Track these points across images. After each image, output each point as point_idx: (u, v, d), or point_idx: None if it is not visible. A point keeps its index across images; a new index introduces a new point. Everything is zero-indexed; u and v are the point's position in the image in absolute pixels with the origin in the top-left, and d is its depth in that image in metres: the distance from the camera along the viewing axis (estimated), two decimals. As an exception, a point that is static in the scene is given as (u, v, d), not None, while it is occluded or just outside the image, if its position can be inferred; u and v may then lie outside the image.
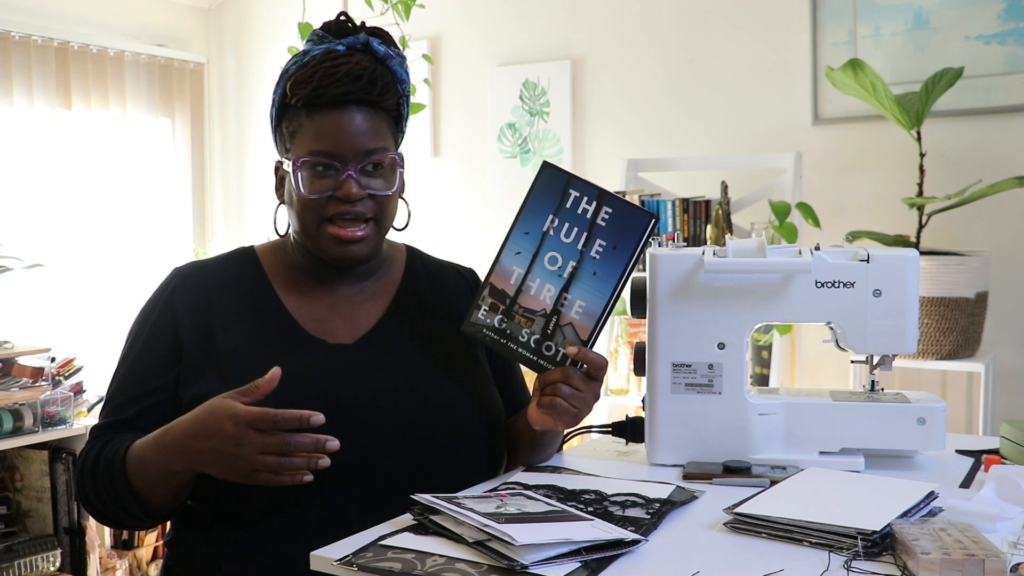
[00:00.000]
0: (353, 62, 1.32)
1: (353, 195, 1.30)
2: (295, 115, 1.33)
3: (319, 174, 1.31)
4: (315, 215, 1.32)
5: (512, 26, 3.87)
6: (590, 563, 1.00)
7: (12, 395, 3.01)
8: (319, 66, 1.31)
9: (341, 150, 1.30)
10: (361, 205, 1.32)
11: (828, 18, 3.24)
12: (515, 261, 1.32)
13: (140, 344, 1.35)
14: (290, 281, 1.40)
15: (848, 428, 1.42)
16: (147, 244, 4.20)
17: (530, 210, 1.32)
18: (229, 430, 1.13)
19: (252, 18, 4.49)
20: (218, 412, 1.15)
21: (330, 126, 1.30)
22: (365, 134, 1.32)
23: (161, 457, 1.21)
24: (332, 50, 1.33)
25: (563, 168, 1.34)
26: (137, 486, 1.25)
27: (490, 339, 1.34)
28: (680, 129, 3.55)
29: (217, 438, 1.14)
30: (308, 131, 1.31)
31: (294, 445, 1.12)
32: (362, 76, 1.31)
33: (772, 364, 3.14)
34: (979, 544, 0.97)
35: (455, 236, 3.99)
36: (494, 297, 1.33)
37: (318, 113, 1.31)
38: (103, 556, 3.23)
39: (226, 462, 1.14)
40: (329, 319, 1.38)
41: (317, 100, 1.31)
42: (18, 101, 3.72)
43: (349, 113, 1.31)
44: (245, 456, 1.13)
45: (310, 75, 1.31)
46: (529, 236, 1.32)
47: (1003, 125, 3.03)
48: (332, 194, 1.31)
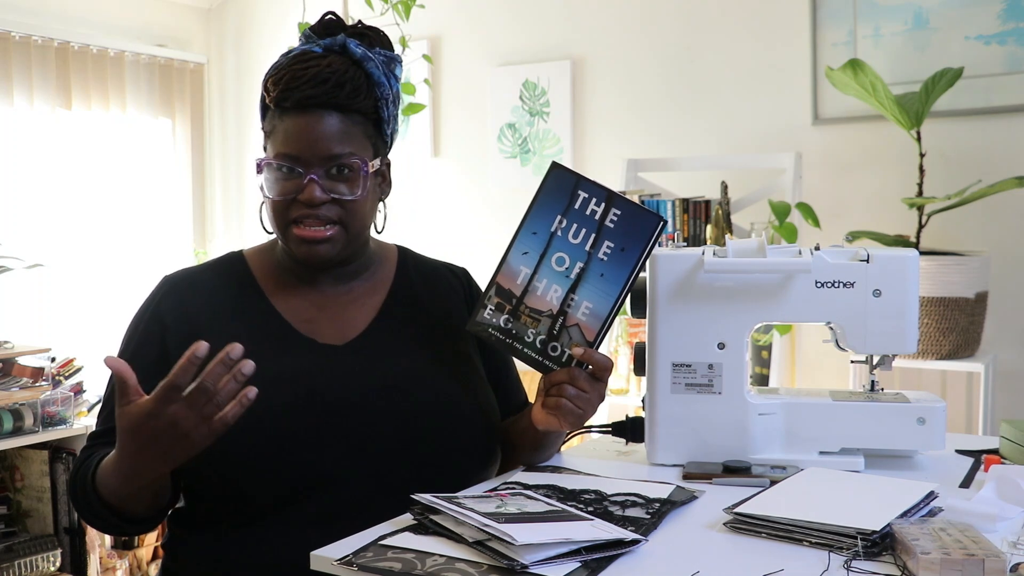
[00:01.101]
0: (324, 64, 1.31)
1: (315, 199, 1.30)
2: (272, 116, 1.34)
3: (283, 176, 1.31)
4: (281, 217, 1.33)
5: (512, 26, 3.87)
6: (590, 563, 1.00)
7: (12, 395, 3.01)
8: (289, 68, 1.31)
9: (304, 154, 1.30)
10: (325, 209, 1.31)
11: (828, 18, 3.24)
12: (522, 261, 1.32)
13: (130, 353, 1.35)
14: (278, 283, 1.40)
15: (848, 428, 1.42)
16: (147, 244, 4.21)
17: (538, 210, 1.32)
18: (156, 425, 1.11)
19: (252, 18, 4.49)
20: (134, 423, 1.12)
21: (295, 129, 1.30)
22: (331, 138, 1.31)
23: (124, 480, 1.20)
24: (307, 51, 1.33)
25: (571, 169, 1.34)
26: (113, 503, 1.25)
27: (495, 339, 1.34)
28: (680, 129, 3.55)
29: (156, 439, 1.12)
30: (278, 133, 1.32)
31: (211, 382, 1.09)
32: (329, 79, 1.30)
33: (772, 364, 3.14)
34: (979, 544, 0.97)
35: (455, 236, 3.99)
36: (500, 297, 1.33)
37: (287, 115, 1.31)
38: (103, 556, 3.23)
39: (180, 446, 1.12)
40: (319, 320, 1.38)
41: (284, 102, 1.31)
42: (18, 101, 3.73)
43: (315, 116, 1.30)
44: (187, 427, 1.10)
45: (280, 77, 1.31)
46: (537, 236, 1.32)
47: (1003, 125, 3.03)
48: (295, 197, 1.31)
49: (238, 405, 1.10)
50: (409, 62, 3.64)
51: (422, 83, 3.77)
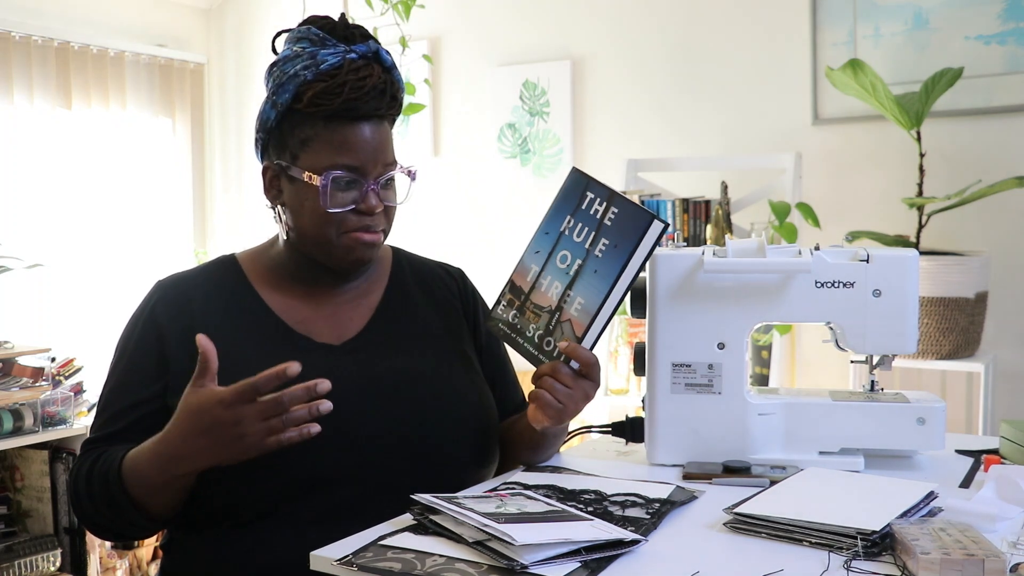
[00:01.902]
0: (375, 75, 1.31)
1: (376, 208, 1.32)
2: (307, 122, 1.30)
3: (342, 187, 1.31)
4: (333, 226, 1.32)
5: (512, 26, 3.87)
6: (590, 563, 1.00)
7: (12, 395, 3.01)
8: (345, 79, 1.29)
9: (366, 164, 1.31)
10: (378, 217, 1.34)
11: (828, 18, 3.24)
12: (533, 259, 1.37)
13: (126, 358, 1.35)
14: (273, 284, 1.40)
15: (848, 428, 1.42)
16: (147, 244, 4.21)
17: (553, 211, 1.37)
18: (223, 415, 1.13)
19: (252, 18, 4.49)
20: (203, 405, 1.14)
21: (356, 139, 1.30)
22: (383, 148, 1.33)
23: (162, 466, 1.20)
24: (351, 60, 1.30)
25: (586, 172, 1.36)
26: (137, 495, 1.24)
27: (503, 333, 1.38)
28: (680, 129, 3.55)
29: (215, 429, 1.14)
30: (327, 142, 1.30)
31: (288, 399, 1.12)
32: (385, 91, 1.32)
33: (772, 364, 3.14)
34: (979, 544, 0.97)
35: (454, 236, 3.99)
36: (512, 293, 1.38)
37: (340, 125, 1.29)
38: (103, 556, 3.23)
39: (233, 445, 1.14)
40: (315, 320, 1.38)
41: (348, 113, 1.29)
42: (18, 101, 3.73)
43: (374, 126, 1.32)
44: (248, 431, 1.13)
45: (337, 87, 1.28)
46: (548, 236, 1.36)
47: (1003, 125, 3.03)
48: (355, 207, 1.31)
49: (298, 433, 1.13)
50: (409, 62, 3.64)
51: (422, 83, 3.77)
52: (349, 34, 1.34)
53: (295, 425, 1.13)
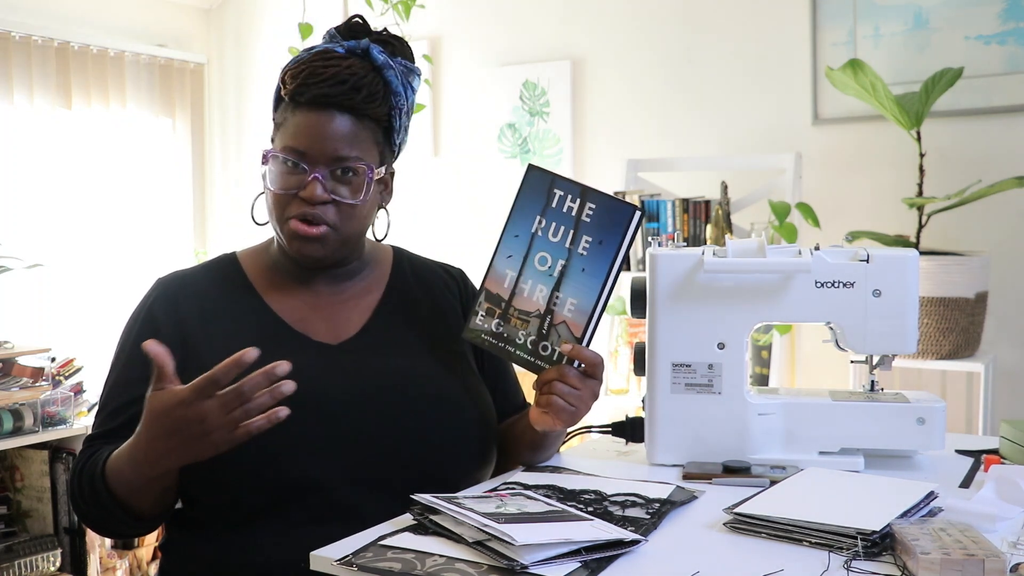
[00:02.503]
0: (344, 66, 1.31)
1: (316, 197, 1.30)
2: (284, 108, 1.35)
3: (288, 170, 1.32)
4: (280, 210, 1.33)
5: (512, 26, 3.87)
6: (590, 563, 1.00)
7: (12, 395, 3.01)
8: (309, 64, 1.32)
9: (311, 151, 1.30)
10: (322, 209, 1.31)
11: (828, 18, 3.24)
12: (507, 264, 1.34)
13: (126, 354, 1.35)
14: (272, 283, 1.40)
15: (848, 428, 1.42)
16: (147, 244, 4.21)
17: (518, 213, 1.34)
18: (186, 414, 1.11)
19: (252, 18, 4.48)
20: (165, 408, 1.12)
21: (306, 125, 1.31)
22: (340, 139, 1.31)
23: (137, 468, 1.20)
24: (330, 50, 1.34)
25: (547, 169, 1.35)
26: (121, 496, 1.24)
27: (489, 343, 1.34)
28: (680, 129, 3.55)
29: (181, 429, 1.12)
30: (288, 126, 1.32)
31: (248, 388, 1.10)
32: (347, 81, 1.30)
33: (772, 364, 3.14)
34: (979, 544, 0.97)
35: (455, 236, 3.99)
36: (490, 302, 1.34)
37: (300, 110, 1.32)
38: (103, 556, 3.23)
39: (201, 442, 1.12)
40: (313, 319, 1.38)
41: (300, 97, 1.31)
42: (18, 101, 3.73)
43: (328, 115, 1.31)
44: (213, 426, 1.11)
45: (299, 71, 1.31)
46: (519, 239, 1.33)
47: (1003, 125, 3.03)
48: (297, 192, 1.31)
49: (266, 420, 1.11)
50: (409, 62, 3.63)
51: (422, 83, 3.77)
52: (356, 33, 1.37)
53: (260, 412, 1.10)
